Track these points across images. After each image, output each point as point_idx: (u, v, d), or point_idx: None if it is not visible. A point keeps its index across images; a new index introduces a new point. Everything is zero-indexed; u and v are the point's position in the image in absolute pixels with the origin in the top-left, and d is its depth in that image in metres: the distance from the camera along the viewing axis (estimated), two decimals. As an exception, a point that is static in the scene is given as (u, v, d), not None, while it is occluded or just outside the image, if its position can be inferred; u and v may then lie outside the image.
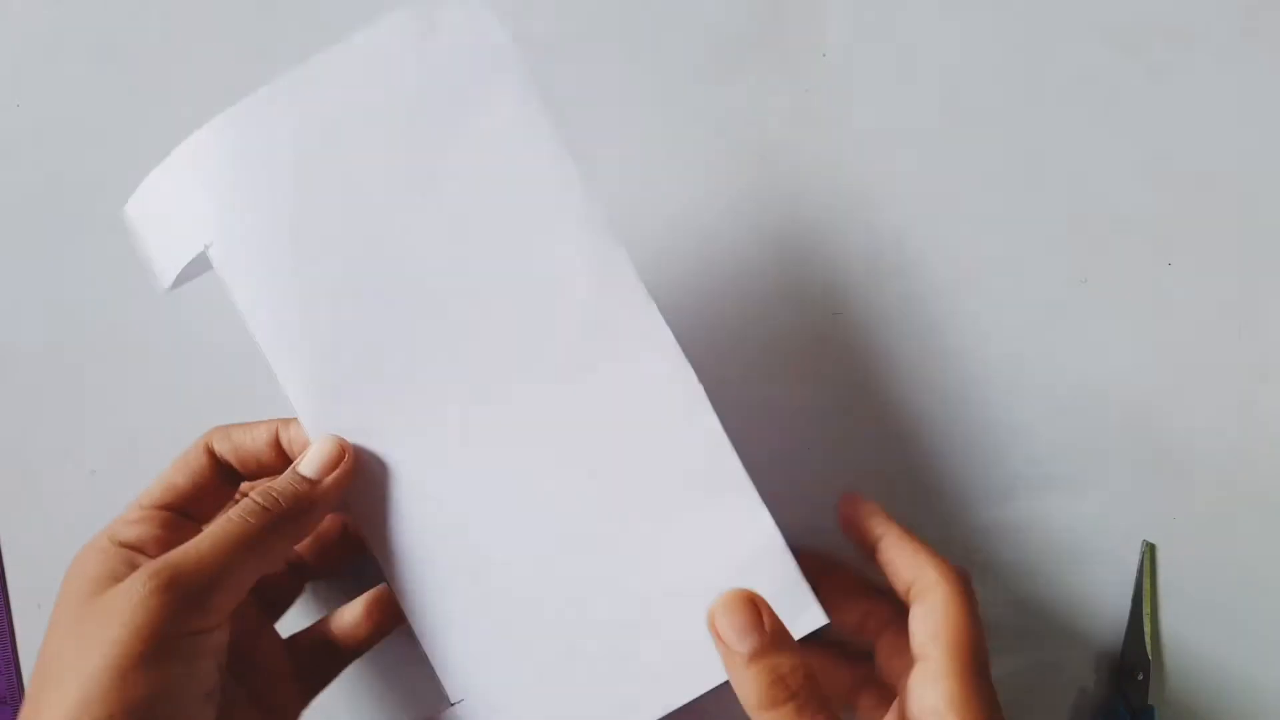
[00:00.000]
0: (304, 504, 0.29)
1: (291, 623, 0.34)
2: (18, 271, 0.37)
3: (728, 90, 0.38)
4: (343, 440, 0.29)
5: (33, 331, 0.37)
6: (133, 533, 0.29)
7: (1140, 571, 0.38)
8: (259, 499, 0.28)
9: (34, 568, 0.37)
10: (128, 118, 0.38)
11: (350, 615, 0.34)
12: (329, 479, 0.29)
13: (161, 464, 0.37)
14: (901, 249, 0.38)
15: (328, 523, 0.34)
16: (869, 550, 0.32)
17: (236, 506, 0.28)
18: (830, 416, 0.38)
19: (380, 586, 0.34)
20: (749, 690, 0.27)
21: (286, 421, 0.31)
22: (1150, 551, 0.38)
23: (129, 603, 0.25)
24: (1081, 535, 0.38)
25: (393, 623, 0.34)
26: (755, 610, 0.28)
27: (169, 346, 0.37)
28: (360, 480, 0.30)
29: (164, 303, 0.37)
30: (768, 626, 0.28)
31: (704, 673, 0.29)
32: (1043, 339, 0.38)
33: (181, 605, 0.26)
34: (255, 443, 0.31)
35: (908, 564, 0.31)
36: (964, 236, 0.38)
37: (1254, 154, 0.39)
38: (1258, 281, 0.39)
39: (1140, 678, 0.37)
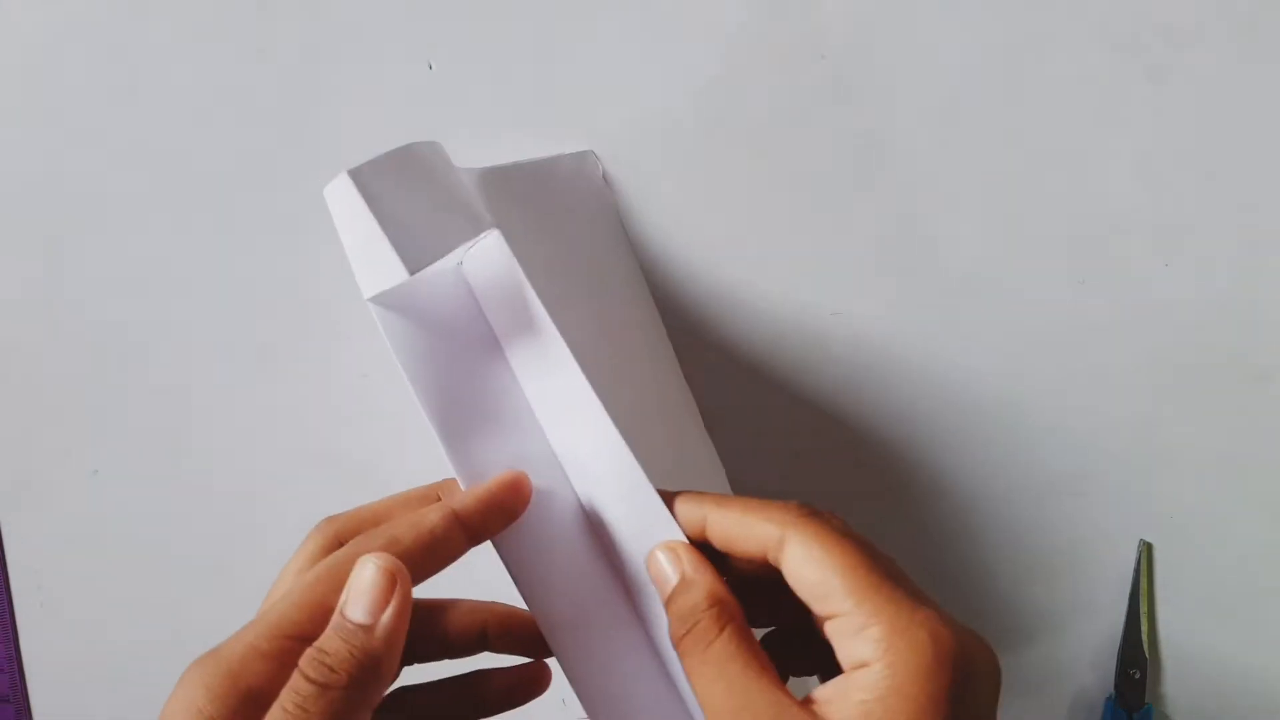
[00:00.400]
0: (368, 662, 0.23)
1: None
2: (18, 271, 0.37)
3: (727, 90, 0.38)
4: (389, 560, 0.24)
5: (33, 331, 0.37)
6: (257, 675, 0.23)
7: (1138, 571, 0.38)
8: (311, 674, 0.22)
9: (36, 567, 0.37)
10: (128, 117, 0.38)
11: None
12: (386, 618, 0.23)
13: (161, 463, 0.37)
14: (901, 249, 0.38)
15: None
16: (702, 540, 0.27)
17: (285, 694, 0.22)
18: (827, 416, 0.38)
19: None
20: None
21: (421, 492, 0.28)
22: (1148, 551, 0.38)
23: None
24: (1080, 535, 0.38)
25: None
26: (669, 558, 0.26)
27: (169, 347, 0.37)
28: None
29: (163, 303, 0.37)
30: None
31: None
32: (1042, 339, 0.38)
33: None
34: (421, 530, 0.25)
35: (748, 528, 0.26)
36: (964, 237, 0.39)
37: (1254, 154, 0.39)
38: (1257, 281, 0.39)
39: (1138, 676, 0.38)
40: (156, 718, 0.36)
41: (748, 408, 0.38)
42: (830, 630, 0.24)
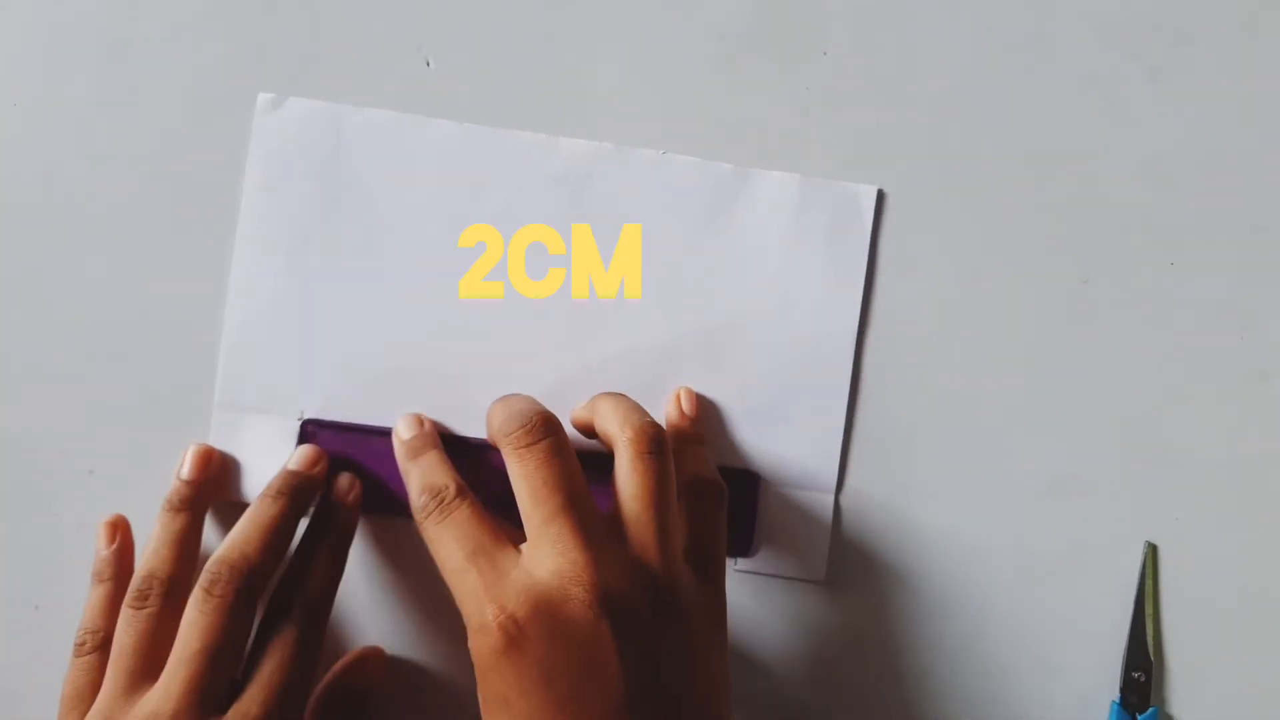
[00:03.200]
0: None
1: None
2: (17, 271, 0.37)
3: (728, 90, 0.38)
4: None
5: (33, 330, 0.37)
6: None
7: (1143, 572, 0.38)
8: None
9: (34, 567, 0.37)
10: (128, 118, 0.38)
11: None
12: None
13: (161, 464, 0.37)
14: (901, 249, 0.38)
15: None
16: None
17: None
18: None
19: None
20: None
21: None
22: (1152, 552, 0.38)
23: None
24: (1082, 535, 0.38)
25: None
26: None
27: (169, 346, 0.37)
28: None
29: (163, 303, 0.37)
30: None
31: None
32: (1043, 339, 0.38)
33: None
34: None
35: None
36: (964, 236, 0.38)
37: (1254, 153, 0.39)
38: (1258, 281, 0.39)
39: (1142, 679, 0.37)
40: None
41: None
42: None
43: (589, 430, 0.35)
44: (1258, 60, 0.39)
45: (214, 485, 0.36)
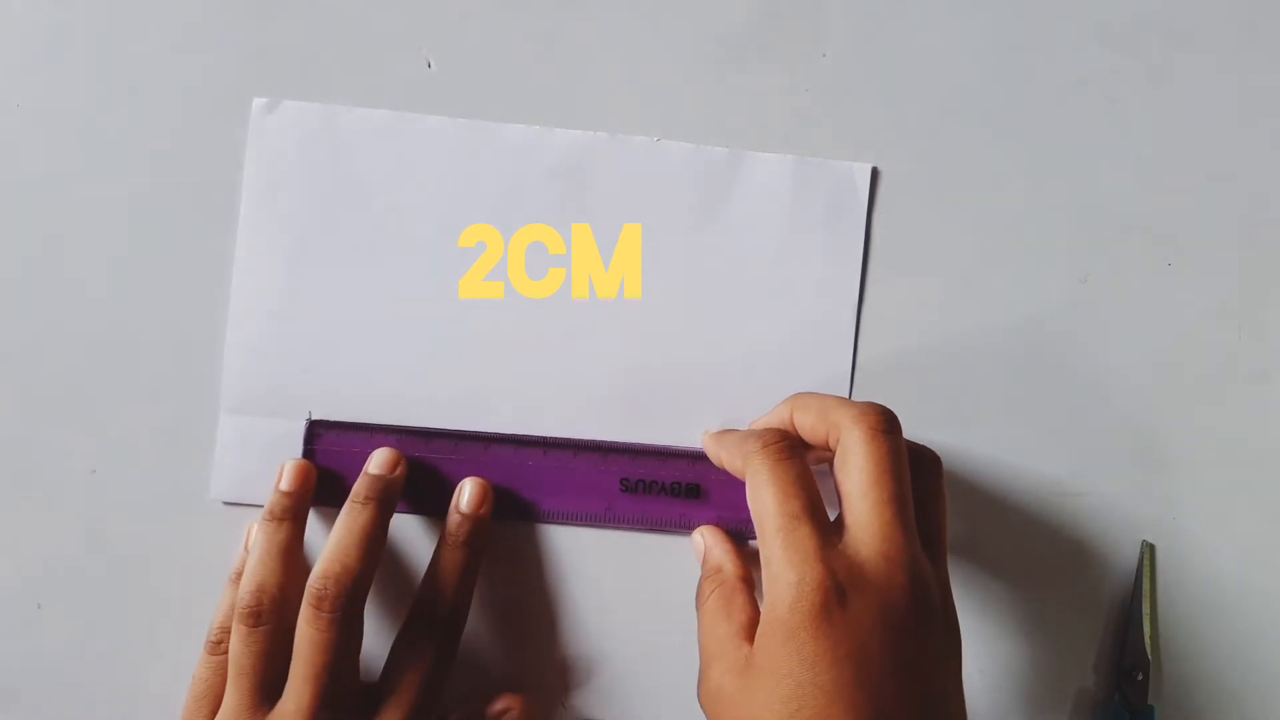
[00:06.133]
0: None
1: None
2: (18, 270, 0.37)
3: (727, 91, 0.38)
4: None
5: (33, 331, 0.37)
6: None
7: (1140, 571, 0.38)
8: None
9: (35, 567, 0.37)
10: (128, 118, 0.38)
11: None
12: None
13: (163, 464, 0.37)
14: (901, 249, 0.38)
15: None
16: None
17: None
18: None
19: None
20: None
21: None
22: (1150, 552, 0.38)
23: None
24: (1081, 535, 0.38)
25: None
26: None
27: (168, 346, 0.37)
28: None
29: (165, 304, 0.37)
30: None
31: None
32: (1042, 338, 0.38)
33: None
34: None
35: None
36: (963, 237, 0.39)
37: (1254, 154, 0.39)
38: (1257, 281, 0.39)
39: (1140, 678, 0.37)
40: (156, 719, 0.36)
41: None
42: (843, 526, 0.30)
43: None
44: (1258, 60, 0.39)
45: (310, 496, 0.36)
